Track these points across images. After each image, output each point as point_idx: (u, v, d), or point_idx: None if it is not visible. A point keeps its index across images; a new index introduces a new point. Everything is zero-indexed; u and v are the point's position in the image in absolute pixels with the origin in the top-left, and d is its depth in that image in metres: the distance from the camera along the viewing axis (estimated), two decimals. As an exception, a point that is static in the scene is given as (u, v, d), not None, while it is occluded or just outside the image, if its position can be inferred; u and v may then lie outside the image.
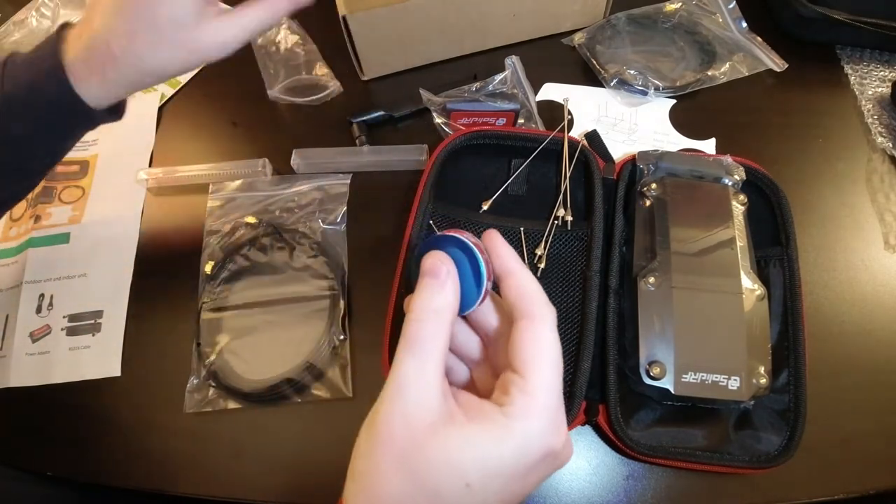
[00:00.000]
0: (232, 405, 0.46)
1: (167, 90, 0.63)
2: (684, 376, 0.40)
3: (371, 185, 0.55)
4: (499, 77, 0.56)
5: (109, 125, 0.40)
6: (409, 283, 0.28)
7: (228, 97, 0.62)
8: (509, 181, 0.51)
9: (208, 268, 0.51)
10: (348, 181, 0.55)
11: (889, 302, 0.48)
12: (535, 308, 0.26)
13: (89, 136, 0.40)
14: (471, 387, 0.30)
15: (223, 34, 0.36)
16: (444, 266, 0.26)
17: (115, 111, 0.39)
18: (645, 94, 0.58)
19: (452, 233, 0.27)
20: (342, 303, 0.48)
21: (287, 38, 0.64)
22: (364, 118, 0.57)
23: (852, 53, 0.61)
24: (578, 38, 0.62)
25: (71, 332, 0.50)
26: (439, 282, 0.25)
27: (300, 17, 0.65)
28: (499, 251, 0.27)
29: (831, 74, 0.60)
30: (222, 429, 0.46)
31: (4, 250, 0.55)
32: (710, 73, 0.58)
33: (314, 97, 0.60)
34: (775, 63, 0.59)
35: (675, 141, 0.57)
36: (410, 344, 0.24)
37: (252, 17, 0.37)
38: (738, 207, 0.46)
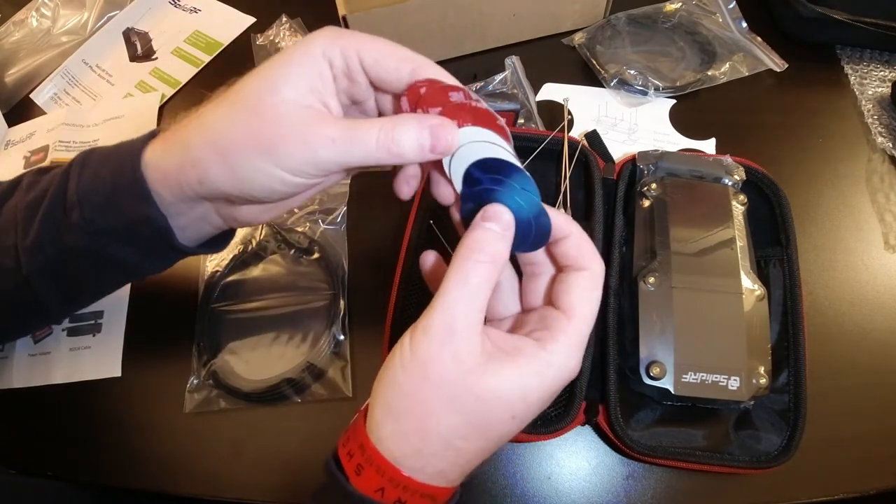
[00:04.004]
0: (232, 405, 0.46)
1: (167, 90, 0.63)
2: (684, 376, 0.40)
3: (371, 185, 0.55)
4: (499, 77, 0.56)
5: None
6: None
7: (228, 97, 0.62)
8: (509, 181, 0.51)
9: (208, 268, 0.51)
10: (348, 181, 0.55)
11: (889, 302, 0.48)
12: (592, 263, 0.28)
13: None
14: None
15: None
16: (507, 218, 0.27)
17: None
18: (645, 94, 0.58)
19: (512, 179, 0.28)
20: (342, 303, 0.48)
21: (287, 38, 0.64)
22: (364, 118, 0.57)
23: (852, 53, 0.61)
24: (578, 38, 0.62)
25: (72, 332, 0.50)
26: (501, 231, 0.26)
27: (300, 17, 0.65)
28: (557, 219, 0.29)
29: (831, 74, 0.60)
30: (222, 429, 0.46)
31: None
32: (710, 73, 0.58)
33: (314, 97, 0.60)
34: (775, 63, 0.59)
35: (675, 141, 0.57)
36: (463, 283, 0.25)
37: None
38: (738, 207, 0.46)
